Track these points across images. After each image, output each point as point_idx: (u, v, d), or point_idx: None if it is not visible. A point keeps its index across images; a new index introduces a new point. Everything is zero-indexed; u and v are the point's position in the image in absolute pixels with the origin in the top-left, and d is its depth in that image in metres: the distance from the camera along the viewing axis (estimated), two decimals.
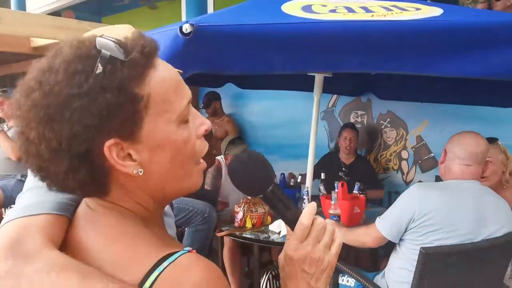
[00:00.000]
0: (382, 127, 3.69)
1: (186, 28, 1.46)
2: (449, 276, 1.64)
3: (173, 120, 0.58)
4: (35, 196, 0.62)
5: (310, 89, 2.66)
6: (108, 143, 0.53)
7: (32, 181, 0.66)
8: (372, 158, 3.76)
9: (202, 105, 4.31)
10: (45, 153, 0.52)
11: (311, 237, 0.65)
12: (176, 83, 0.59)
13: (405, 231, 1.79)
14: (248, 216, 2.50)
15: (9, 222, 0.58)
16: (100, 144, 0.53)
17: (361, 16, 1.61)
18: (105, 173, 0.57)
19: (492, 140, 2.16)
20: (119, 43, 0.54)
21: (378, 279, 1.97)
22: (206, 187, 3.37)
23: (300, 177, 3.01)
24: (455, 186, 1.81)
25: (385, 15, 1.60)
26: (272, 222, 2.52)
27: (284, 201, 0.70)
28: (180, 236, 3.04)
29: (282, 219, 0.72)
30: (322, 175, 3.16)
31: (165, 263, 0.53)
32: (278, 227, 2.38)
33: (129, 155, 0.56)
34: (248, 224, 2.49)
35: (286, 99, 4.07)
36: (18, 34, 2.48)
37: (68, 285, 0.49)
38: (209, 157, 3.76)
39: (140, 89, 0.54)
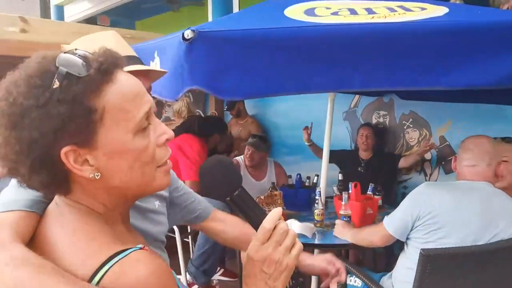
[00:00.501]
0: (405, 127, 3.63)
1: (188, 34, 1.52)
2: (452, 278, 1.62)
3: (129, 129, 0.63)
4: (14, 193, 0.70)
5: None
6: (64, 149, 0.59)
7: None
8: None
9: (226, 107, 4.40)
10: (12, 155, 0.60)
11: (272, 240, 0.69)
12: (134, 95, 0.64)
13: (411, 229, 1.80)
14: None
15: None
16: (57, 150, 0.59)
17: (362, 18, 1.62)
18: (65, 175, 0.62)
19: (509, 140, 2.11)
20: (78, 60, 0.60)
21: (384, 280, 1.97)
22: None
23: (316, 177, 3.02)
24: (463, 186, 1.79)
25: (385, 17, 1.60)
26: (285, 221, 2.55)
27: (251, 206, 0.75)
28: (195, 234, 3.13)
29: (249, 223, 0.76)
30: (340, 176, 3.17)
31: (116, 259, 0.58)
32: (289, 225, 2.40)
33: (87, 160, 0.62)
34: None
35: (308, 99, 4.08)
36: (47, 42, 2.64)
37: (22, 277, 0.55)
38: (228, 156, 3.85)
39: (95, 101, 0.60)
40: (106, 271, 0.58)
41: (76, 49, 0.63)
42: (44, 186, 0.63)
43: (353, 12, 1.72)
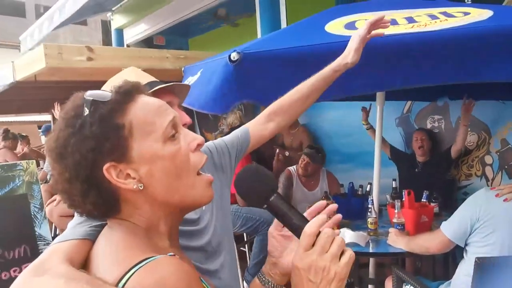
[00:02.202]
0: None
1: (234, 56, 1.63)
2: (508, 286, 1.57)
3: (158, 138, 0.69)
4: (71, 227, 0.81)
5: (374, 98, 2.68)
6: (105, 166, 0.66)
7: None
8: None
9: None
10: (64, 185, 0.68)
11: (317, 246, 0.67)
12: (157, 108, 0.71)
13: (470, 233, 1.77)
14: None
15: (52, 245, 0.78)
16: (100, 169, 0.66)
17: (402, 28, 1.63)
18: (112, 193, 0.68)
19: None
20: (101, 91, 0.71)
21: None
22: None
23: (369, 186, 3.01)
24: None
25: (426, 25, 1.61)
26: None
27: (290, 211, 0.75)
28: (251, 243, 3.21)
29: (289, 229, 0.76)
30: (393, 184, 3.12)
31: (143, 263, 0.61)
32: (341, 235, 2.41)
33: (128, 174, 0.67)
34: None
35: (359, 107, 4.06)
36: (109, 66, 2.88)
37: (54, 285, 0.63)
38: (283, 165, 3.91)
39: (122, 119, 0.67)
40: (132, 274, 0.60)
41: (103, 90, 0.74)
42: (95, 209, 0.69)
43: (393, 22, 1.73)
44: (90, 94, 0.68)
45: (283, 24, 4.69)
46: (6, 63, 3.38)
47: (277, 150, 4.50)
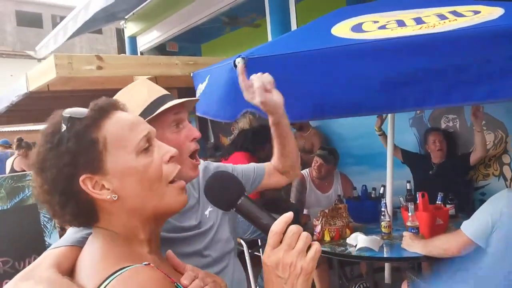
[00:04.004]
0: None
1: (238, 61, 1.61)
2: None
3: (130, 150, 0.74)
4: (71, 232, 0.86)
5: None
6: (81, 178, 0.71)
7: None
8: None
9: None
10: (44, 196, 0.73)
11: (283, 243, 0.70)
12: (130, 123, 0.76)
13: (492, 232, 1.71)
14: (326, 229, 2.55)
15: (46, 251, 0.83)
16: (77, 181, 0.70)
17: (410, 30, 1.60)
18: (89, 203, 0.73)
19: None
20: (78, 108, 0.74)
21: None
22: (291, 200, 3.49)
23: (382, 188, 2.96)
24: None
25: (434, 26, 1.57)
26: (351, 235, 2.53)
27: (258, 212, 0.77)
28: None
29: (258, 229, 0.78)
30: (407, 186, 3.07)
31: (116, 274, 0.65)
32: (354, 239, 2.39)
33: (103, 185, 0.72)
34: (327, 237, 2.54)
35: None
36: (120, 75, 2.90)
37: None
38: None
39: (96, 134, 0.72)
40: (107, 284, 0.64)
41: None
42: (74, 218, 0.74)
43: (401, 24, 1.70)
44: (67, 111, 0.73)
45: (294, 27, 4.67)
46: (24, 74, 3.45)
47: None
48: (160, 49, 7.28)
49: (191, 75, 2.71)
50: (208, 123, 6.58)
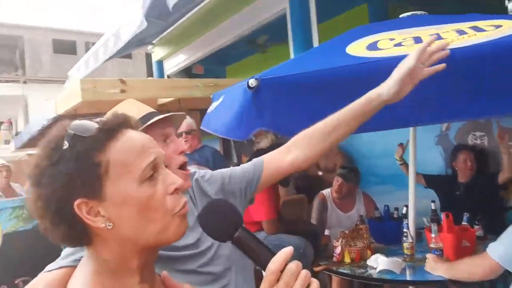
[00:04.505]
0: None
1: (252, 82, 1.64)
2: None
3: (134, 179, 0.67)
4: (65, 254, 0.86)
5: None
6: (76, 202, 0.65)
7: None
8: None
9: None
10: (37, 211, 0.69)
11: (281, 283, 0.65)
12: (139, 147, 0.70)
13: None
14: (347, 250, 2.49)
15: (40, 274, 0.83)
16: (71, 204, 0.66)
17: None
18: (83, 228, 0.68)
19: None
20: (84, 123, 0.69)
21: None
22: (312, 221, 3.44)
23: (405, 208, 2.87)
24: None
25: (452, 41, 1.55)
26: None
27: (255, 246, 0.71)
28: None
29: (256, 265, 0.73)
30: (432, 205, 2.97)
31: None
32: (375, 261, 2.32)
33: (99, 211, 0.67)
34: (347, 259, 2.48)
35: None
36: (142, 98, 2.98)
37: None
38: (312, 191, 3.83)
39: (99, 157, 0.66)
40: None
41: (91, 118, 0.73)
42: (65, 239, 0.69)
43: (418, 40, 1.68)
44: (73, 127, 0.68)
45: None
46: None
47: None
48: (186, 72, 7.46)
49: (211, 96, 2.76)
50: (231, 144, 6.62)
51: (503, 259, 1.68)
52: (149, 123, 1.06)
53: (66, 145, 0.66)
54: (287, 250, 0.68)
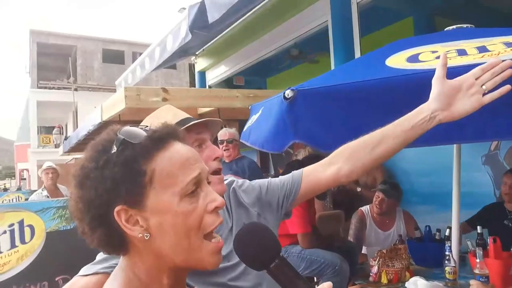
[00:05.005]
0: None
1: (288, 93, 1.62)
2: None
3: (176, 192, 0.67)
4: (99, 259, 0.86)
5: None
6: (117, 208, 0.65)
7: None
8: None
9: None
10: (77, 213, 0.69)
11: None
12: (184, 160, 0.69)
13: None
14: (384, 270, 2.40)
15: (75, 277, 0.84)
16: (112, 210, 0.65)
17: (470, 58, 1.50)
18: (121, 235, 0.67)
19: None
20: (135, 130, 0.69)
21: None
22: (349, 238, 3.34)
23: (448, 230, 2.73)
24: None
25: (499, 53, 1.47)
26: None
27: (292, 278, 0.68)
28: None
29: None
30: (479, 229, 2.80)
31: None
32: (414, 284, 2.21)
33: (137, 221, 0.66)
34: (384, 280, 2.38)
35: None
36: (182, 106, 3.05)
37: None
38: (349, 207, 3.73)
39: (145, 166, 0.66)
40: None
41: (141, 125, 0.73)
42: (101, 245, 0.69)
43: (462, 53, 1.61)
44: (123, 132, 0.68)
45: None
46: None
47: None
48: (228, 82, 7.57)
49: (249, 107, 2.77)
50: (269, 156, 6.62)
51: None
52: (185, 126, 1.07)
53: (114, 149, 0.67)
54: (327, 286, 0.66)
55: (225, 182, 1.21)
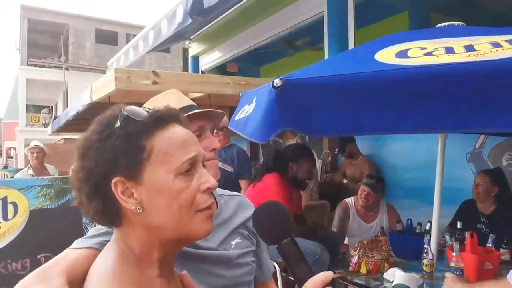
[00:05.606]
0: None
1: (277, 82, 1.63)
2: None
3: (171, 170, 0.71)
4: (92, 234, 0.87)
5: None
6: (114, 180, 0.69)
7: None
8: None
9: (336, 150, 4.41)
10: (77, 183, 0.73)
11: None
12: (182, 142, 0.73)
13: None
14: (364, 261, 2.44)
15: (66, 250, 0.84)
16: (109, 181, 0.69)
17: (457, 57, 1.53)
18: (116, 207, 0.71)
19: None
20: (139, 109, 0.73)
21: None
22: (332, 228, 3.39)
23: (428, 224, 2.79)
24: None
25: (484, 53, 1.49)
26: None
27: (297, 258, 0.72)
28: None
29: (292, 276, 0.75)
30: (458, 224, 2.87)
31: None
32: (391, 275, 2.26)
33: (132, 193, 0.70)
34: (363, 270, 2.43)
35: (427, 139, 3.84)
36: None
37: None
38: (335, 198, 3.78)
39: (145, 142, 0.70)
40: None
41: (144, 107, 0.78)
42: (97, 215, 0.72)
43: (449, 51, 1.63)
44: (127, 109, 0.72)
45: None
46: None
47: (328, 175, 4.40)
48: (221, 69, 7.54)
49: (240, 95, 2.77)
50: (259, 146, 6.64)
51: None
52: (188, 114, 1.06)
53: (117, 124, 0.71)
54: (328, 275, 0.70)
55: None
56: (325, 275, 0.68)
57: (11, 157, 19.56)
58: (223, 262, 1.04)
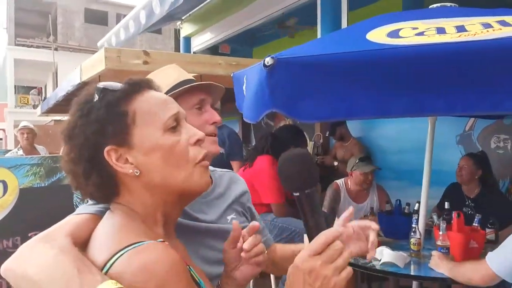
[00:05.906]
0: None
1: (268, 61, 1.62)
2: None
3: (158, 127, 0.73)
4: (89, 202, 0.87)
5: None
6: (106, 149, 0.71)
7: None
8: None
9: (327, 133, 4.43)
10: (70, 165, 0.74)
11: (324, 255, 0.66)
12: (161, 102, 0.76)
13: None
14: None
15: (69, 216, 0.83)
16: (102, 151, 0.71)
17: (448, 37, 1.53)
18: (112, 176, 0.73)
19: None
20: (111, 82, 0.76)
21: None
22: (323, 209, 3.43)
23: (417, 204, 2.83)
24: None
25: (475, 34, 1.50)
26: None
27: (316, 211, 0.71)
28: None
29: (305, 228, 0.73)
30: (446, 205, 2.92)
31: (128, 248, 0.63)
32: (380, 253, 2.30)
33: (127, 159, 0.72)
34: None
35: (419, 122, 3.86)
36: None
37: (52, 255, 0.67)
38: (326, 180, 3.81)
39: (126, 107, 0.73)
40: (119, 257, 0.63)
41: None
42: (97, 190, 0.73)
43: (440, 31, 1.63)
44: (102, 83, 0.75)
45: None
46: None
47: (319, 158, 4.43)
48: (213, 50, 7.46)
49: (232, 75, 2.75)
50: (251, 128, 6.63)
51: (499, 270, 1.65)
52: (188, 86, 1.06)
53: (96, 97, 0.73)
54: (340, 230, 0.73)
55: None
56: (338, 231, 0.69)
57: (1, 139, 19.35)
58: (222, 235, 1.04)
